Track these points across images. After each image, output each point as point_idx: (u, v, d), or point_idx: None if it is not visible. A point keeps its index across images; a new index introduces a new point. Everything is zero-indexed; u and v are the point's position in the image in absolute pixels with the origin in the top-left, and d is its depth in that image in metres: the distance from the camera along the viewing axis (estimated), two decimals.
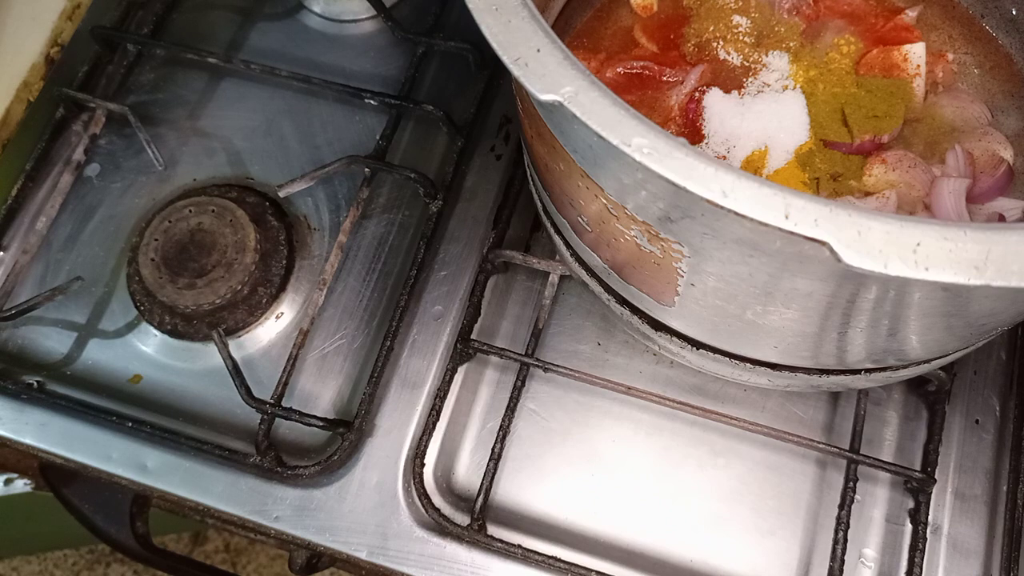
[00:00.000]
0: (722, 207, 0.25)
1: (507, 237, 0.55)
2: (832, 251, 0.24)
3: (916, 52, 0.46)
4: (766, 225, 0.25)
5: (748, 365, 0.42)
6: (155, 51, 0.62)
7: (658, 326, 0.42)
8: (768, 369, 0.41)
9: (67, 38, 0.62)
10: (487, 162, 0.56)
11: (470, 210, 0.55)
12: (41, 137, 0.59)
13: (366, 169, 0.55)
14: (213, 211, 0.53)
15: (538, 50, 0.28)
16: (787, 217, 0.25)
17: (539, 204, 0.46)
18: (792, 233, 0.25)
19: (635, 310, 0.43)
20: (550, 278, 0.52)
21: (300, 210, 0.57)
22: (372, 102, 0.58)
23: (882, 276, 0.25)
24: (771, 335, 0.37)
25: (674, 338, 0.42)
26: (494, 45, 0.28)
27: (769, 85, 0.45)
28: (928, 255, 0.24)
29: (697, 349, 0.42)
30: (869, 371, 0.41)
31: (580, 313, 0.53)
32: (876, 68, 0.46)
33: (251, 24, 0.63)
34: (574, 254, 0.44)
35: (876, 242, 0.25)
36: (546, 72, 0.28)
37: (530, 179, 0.47)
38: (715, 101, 0.44)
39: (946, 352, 0.40)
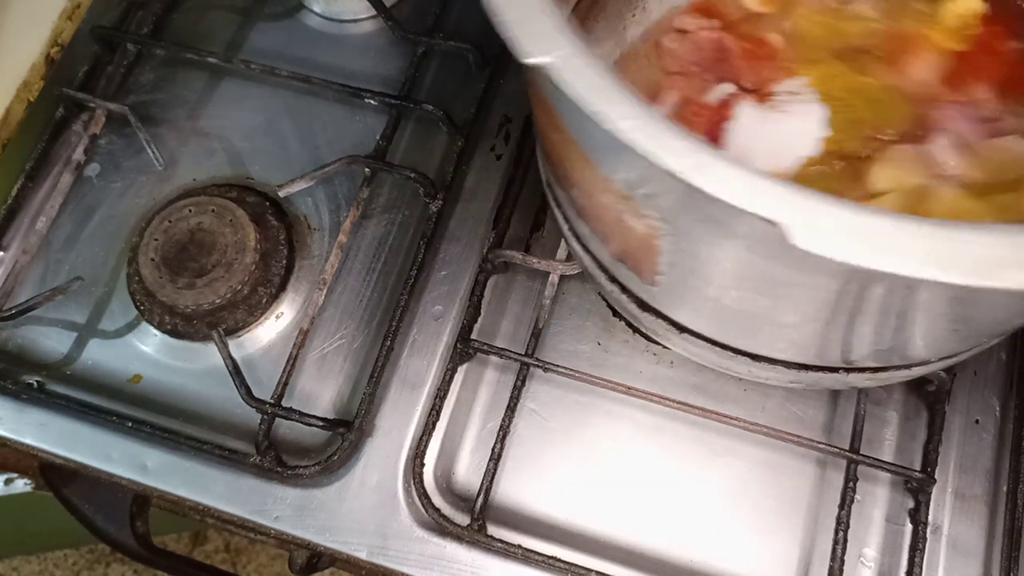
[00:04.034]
0: (691, 184, 0.25)
1: (507, 237, 0.55)
2: (785, 233, 0.24)
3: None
4: (728, 204, 0.25)
5: (729, 353, 0.41)
6: (155, 51, 0.62)
7: (644, 306, 0.42)
8: (748, 359, 0.41)
9: (67, 38, 0.62)
10: (487, 162, 0.56)
11: (470, 210, 0.55)
12: (41, 137, 0.59)
13: (366, 169, 0.55)
14: (213, 211, 0.53)
15: (530, 14, 0.28)
16: (750, 198, 0.25)
17: (544, 176, 0.46)
18: (751, 213, 0.25)
19: (624, 289, 0.43)
20: (550, 278, 0.52)
21: (300, 210, 0.57)
22: (372, 102, 0.58)
23: (833, 263, 0.25)
24: (749, 323, 0.38)
25: (659, 320, 0.42)
26: (487, 5, 0.28)
27: (794, 93, 0.44)
28: (881, 244, 0.24)
29: (681, 332, 0.42)
30: (847, 370, 0.41)
31: (580, 313, 0.53)
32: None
33: (251, 24, 0.63)
34: (571, 228, 0.44)
35: (830, 226, 0.25)
36: (536, 36, 0.28)
37: (538, 149, 0.46)
38: (744, 111, 0.44)
39: (925, 358, 0.40)
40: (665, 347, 0.52)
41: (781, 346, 0.39)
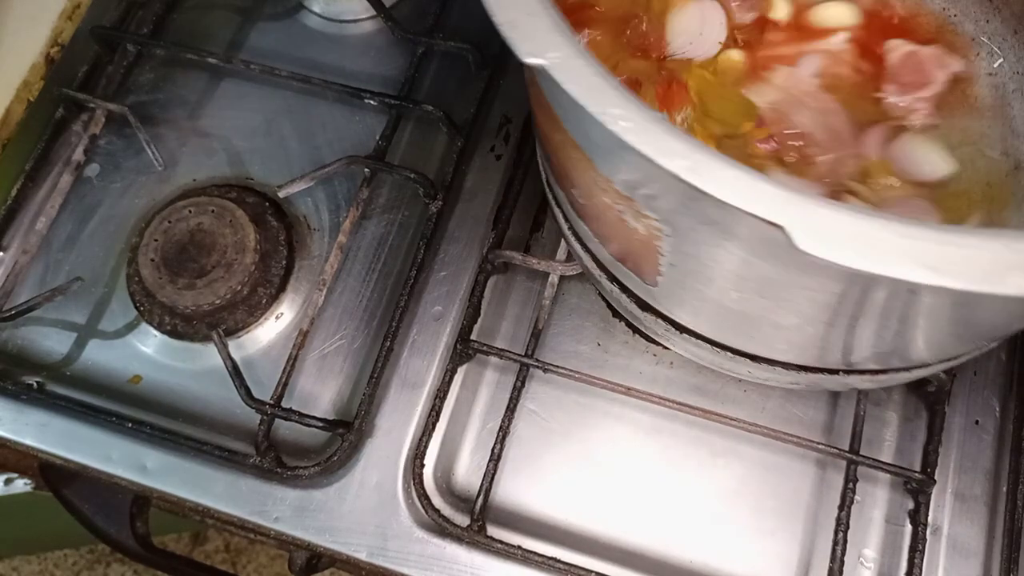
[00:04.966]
0: (692, 185, 0.25)
1: (507, 237, 0.55)
2: (787, 236, 0.24)
3: None
4: (726, 204, 0.25)
5: (728, 354, 0.41)
6: (155, 51, 0.62)
7: (645, 306, 0.42)
8: (748, 360, 0.41)
9: (67, 38, 0.62)
10: (487, 162, 0.56)
11: (470, 210, 0.55)
12: (41, 137, 0.59)
13: (366, 169, 0.55)
14: (213, 211, 0.53)
15: (529, 14, 0.28)
16: (749, 199, 0.25)
17: (543, 175, 0.46)
18: (753, 215, 0.25)
19: (624, 288, 0.42)
20: (550, 278, 0.52)
21: (300, 210, 0.57)
22: (372, 102, 0.58)
23: (834, 266, 0.24)
24: (749, 324, 0.38)
25: (659, 320, 0.42)
26: (486, 5, 0.28)
27: None
28: (885, 249, 0.24)
29: (681, 333, 0.42)
30: (847, 372, 0.40)
31: (580, 314, 0.53)
32: None
33: (251, 24, 0.63)
34: (571, 227, 0.44)
35: (833, 230, 0.24)
36: (535, 36, 0.28)
37: (538, 149, 0.46)
38: None
39: (925, 360, 0.40)
40: (665, 348, 0.52)
41: (781, 347, 0.39)
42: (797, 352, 0.39)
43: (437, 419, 0.49)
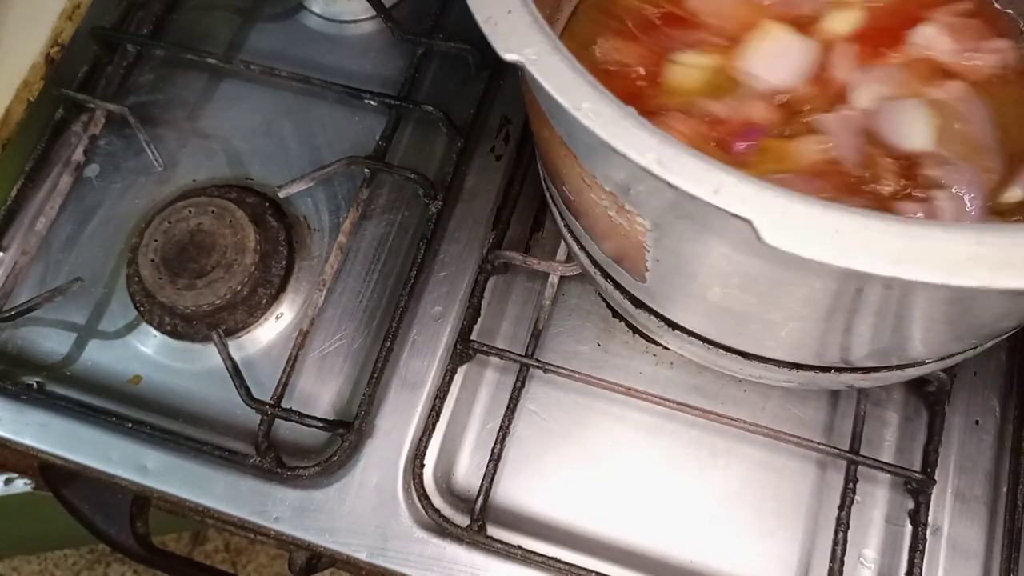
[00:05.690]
0: (659, 177, 0.26)
1: (507, 238, 0.55)
2: (755, 229, 0.25)
3: None
4: (694, 198, 0.25)
5: (720, 351, 0.41)
6: (155, 52, 0.62)
7: (638, 303, 0.42)
8: (740, 357, 0.41)
9: (67, 38, 0.62)
10: (487, 163, 0.56)
11: (470, 211, 0.55)
12: (41, 138, 0.59)
13: (366, 170, 0.55)
14: (213, 212, 0.53)
15: (509, 11, 0.29)
16: (716, 192, 0.25)
17: (541, 173, 0.46)
18: (720, 208, 0.25)
19: (617, 285, 0.43)
20: (550, 279, 0.52)
21: (300, 211, 0.57)
22: (372, 103, 0.58)
23: (799, 258, 0.24)
24: (735, 320, 0.38)
25: (652, 317, 0.42)
26: (469, 3, 0.29)
27: None
28: (847, 242, 0.24)
29: (673, 330, 0.42)
30: (839, 370, 0.41)
31: (580, 314, 0.53)
32: None
33: (251, 24, 0.63)
34: (566, 225, 0.44)
35: (797, 224, 0.25)
36: (513, 33, 0.29)
37: (536, 149, 0.47)
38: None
39: (916, 358, 0.39)
40: (665, 348, 0.52)
41: (770, 344, 0.39)
42: (786, 349, 0.39)
43: (437, 419, 0.49)
